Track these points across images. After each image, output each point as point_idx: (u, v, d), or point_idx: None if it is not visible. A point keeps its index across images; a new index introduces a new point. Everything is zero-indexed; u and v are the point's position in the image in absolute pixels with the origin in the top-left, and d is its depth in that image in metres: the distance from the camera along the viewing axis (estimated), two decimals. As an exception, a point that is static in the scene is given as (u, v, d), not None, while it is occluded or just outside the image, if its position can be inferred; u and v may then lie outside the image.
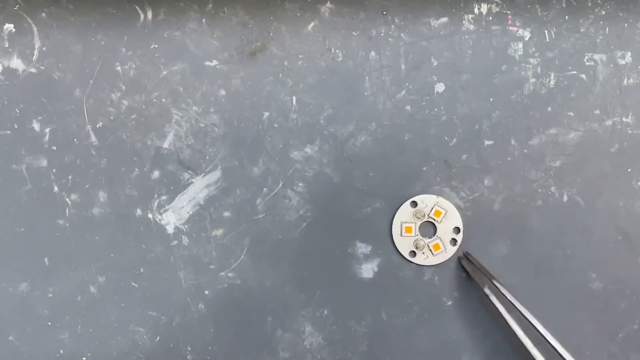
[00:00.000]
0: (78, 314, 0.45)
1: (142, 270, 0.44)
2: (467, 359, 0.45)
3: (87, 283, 0.44)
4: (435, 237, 0.44)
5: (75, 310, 0.45)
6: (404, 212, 0.43)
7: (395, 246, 0.45)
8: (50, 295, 0.44)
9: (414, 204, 0.43)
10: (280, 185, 0.44)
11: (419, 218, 0.43)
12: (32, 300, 0.45)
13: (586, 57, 0.43)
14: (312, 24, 0.43)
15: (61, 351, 0.45)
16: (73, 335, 0.45)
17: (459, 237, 0.44)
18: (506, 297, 0.39)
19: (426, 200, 0.43)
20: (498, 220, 0.44)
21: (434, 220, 0.43)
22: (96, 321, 0.45)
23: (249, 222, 0.44)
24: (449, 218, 0.43)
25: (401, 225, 0.43)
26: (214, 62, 0.43)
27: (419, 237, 0.44)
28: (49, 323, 0.45)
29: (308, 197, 0.44)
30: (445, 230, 0.43)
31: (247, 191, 0.44)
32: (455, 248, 0.44)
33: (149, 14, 0.43)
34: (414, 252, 0.44)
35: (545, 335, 0.35)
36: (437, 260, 0.44)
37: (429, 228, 0.45)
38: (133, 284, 0.44)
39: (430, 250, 0.44)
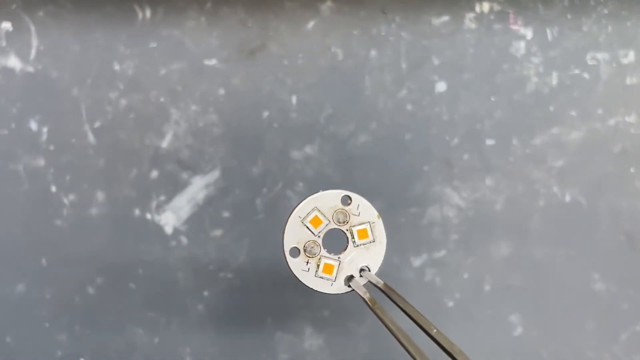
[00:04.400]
0: (76, 315, 0.44)
1: (140, 271, 0.44)
2: (468, 360, 0.45)
3: (85, 284, 0.44)
4: (335, 257, 0.31)
5: (73, 311, 0.44)
6: (326, 200, 0.30)
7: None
8: (48, 296, 0.44)
9: (347, 200, 0.31)
10: (280, 185, 0.44)
11: (339, 222, 0.30)
12: (30, 302, 0.44)
13: (589, 56, 0.43)
14: (312, 23, 0.43)
15: (59, 352, 0.45)
16: (71, 337, 0.45)
17: (358, 279, 0.31)
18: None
19: (364, 208, 0.30)
20: (500, 221, 0.44)
21: (352, 238, 0.31)
22: (94, 322, 0.45)
23: (249, 223, 0.44)
24: (368, 252, 0.31)
25: (312, 210, 0.30)
26: (213, 61, 0.43)
27: (318, 241, 0.30)
28: (47, 324, 0.45)
29: (308, 197, 0.44)
30: (352, 260, 0.31)
31: (246, 191, 0.44)
32: (345, 288, 0.32)
33: (147, 13, 0.43)
34: (297, 250, 0.31)
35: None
36: (312, 282, 0.32)
37: (337, 240, 0.32)
38: (131, 284, 0.44)
39: (317, 265, 0.31)
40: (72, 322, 0.45)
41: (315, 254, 0.31)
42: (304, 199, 0.29)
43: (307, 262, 0.31)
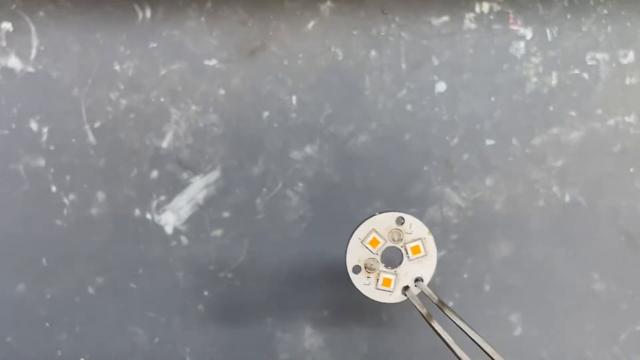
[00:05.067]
0: (76, 315, 0.44)
1: (140, 271, 0.44)
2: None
3: (85, 284, 0.44)
4: (392, 271, 0.36)
5: (73, 311, 0.44)
6: (382, 222, 0.35)
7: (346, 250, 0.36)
8: (48, 296, 0.44)
9: (401, 221, 0.35)
10: (280, 185, 0.44)
11: (394, 240, 0.35)
12: (30, 301, 0.44)
13: (588, 56, 0.43)
14: (312, 23, 0.43)
15: (59, 352, 0.45)
16: (71, 337, 0.45)
17: (413, 289, 0.36)
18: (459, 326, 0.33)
19: (416, 226, 0.34)
20: (499, 221, 0.44)
21: (406, 253, 0.35)
22: (94, 322, 0.45)
23: (249, 223, 0.44)
24: (421, 264, 0.35)
25: (369, 232, 0.35)
26: (213, 61, 0.43)
27: (377, 258, 0.35)
28: (47, 324, 0.45)
29: (308, 197, 0.44)
30: (407, 272, 0.35)
31: (246, 191, 0.44)
32: (402, 297, 0.36)
33: (148, 13, 0.43)
34: (358, 267, 0.35)
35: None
36: (374, 294, 0.37)
37: (394, 254, 0.36)
38: (131, 284, 0.44)
39: (377, 280, 0.35)
40: (72, 322, 0.45)
41: (374, 270, 0.36)
42: (362, 222, 0.34)
43: (368, 277, 0.36)
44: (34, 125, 0.43)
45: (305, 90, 0.43)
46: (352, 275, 0.35)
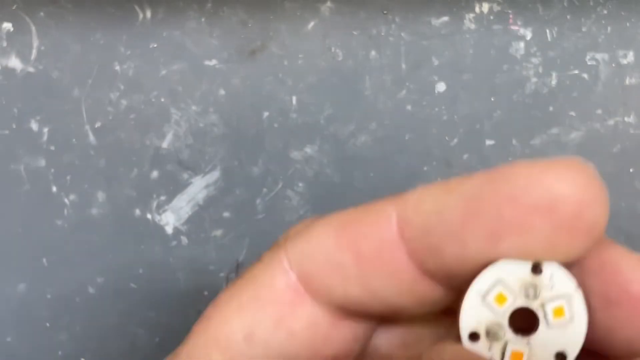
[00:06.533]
0: (77, 315, 0.44)
1: (140, 271, 0.44)
2: None
3: (86, 284, 0.44)
4: (524, 340, 0.21)
5: (73, 311, 0.44)
6: (512, 270, 0.20)
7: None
8: (49, 296, 0.44)
9: (537, 270, 0.21)
10: (280, 186, 0.44)
11: (528, 297, 0.22)
12: (30, 301, 0.44)
13: (588, 57, 0.43)
14: (312, 23, 0.43)
15: (60, 352, 0.45)
16: (72, 337, 0.45)
17: None
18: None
19: (559, 279, 0.20)
20: (499, 221, 0.44)
21: (544, 317, 0.21)
22: (95, 322, 0.45)
23: (249, 223, 0.44)
24: (564, 333, 0.21)
25: (494, 284, 0.21)
26: (214, 62, 0.43)
27: (503, 322, 0.22)
28: (47, 324, 0.45)
29: (308, 197, 0.44)
30: (545, 344, 0.22)
31: (246, 191, 0.44)
32: None
33: (148, 13, 0.43)
34: (477, 335, 0.22)
35: None
36: None
37: (524, 317, 0.23)
38: (132, 285, 0.44)
39: (502, 353, 0.22)
40: (72, 322, 0.45)
41: (499, 338, 0.24)
42: (484, 270, 0.21)
43: (490, 349, 0.24)
44: (34, 126, 0.43)
45: (305, 90, 0.43)
46: (467, 343, 0.22)
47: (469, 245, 0.18)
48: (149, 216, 0.44)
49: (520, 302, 0.21)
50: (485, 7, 0.43)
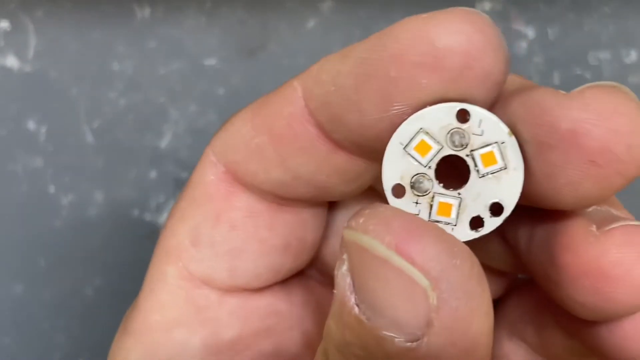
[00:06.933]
0: (74, 317, 0.44)
1: (139, 272, 0.44)
2: None
3: (84, 285, 0.44)
4: (454, 193, 0.20)
5: (71, 312, 0.44)
6: (436, 118, 0.19)
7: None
8: (46, 297, 0.44)
9: (463, 115, 0.19)
10: (279, 186, 0.44)
11: (455, 146, 0.19)
12: (28, 303, 0.44)
13: (590, 56, 0.43)
14: (312, 23, 0.43)
15: (57, 354, 0.45)
16: (69, 339, 0.44)
17: (490, 221, 0.19)
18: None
19: (488, 125, 0.18)
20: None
21: (474, 166, 0.20)
22: (92, 324, 0.44)
23: (248, 223, 0.44)
24: (499, 183, 0.19)
25: (416, 133, 0.20)
26: (213, 61, 0.43)
27: (428, 174, 0.20)
28: (45, 325, 0.44)
29: (308, 198, 0.44)
30: (477, 195, 0.19)
31: (246, 192, 0.44)
32: (470, 234, 0.23)
33: (147, 12, 0.43)
34: (402, 188, 0.20)
35: None
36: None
37: (455, 171, 0.23)
38: (130, 286, 0.44)
39: (430, 206, 0.20)
40: (70, 323, 0.44)
41: (426, 191, 0.24)
42: (405, 119, 0.20)
43: (417, 203, 0.24)
44: (31, 125, 0.43)
45: (305, 89, 0.43)
46: (391, 199, 0.24)
47: (365, 110, 0.17)
48: (147, 217, 0.44)
49: (447, 152, 0.20)
50: (487, 5, 0.43)
